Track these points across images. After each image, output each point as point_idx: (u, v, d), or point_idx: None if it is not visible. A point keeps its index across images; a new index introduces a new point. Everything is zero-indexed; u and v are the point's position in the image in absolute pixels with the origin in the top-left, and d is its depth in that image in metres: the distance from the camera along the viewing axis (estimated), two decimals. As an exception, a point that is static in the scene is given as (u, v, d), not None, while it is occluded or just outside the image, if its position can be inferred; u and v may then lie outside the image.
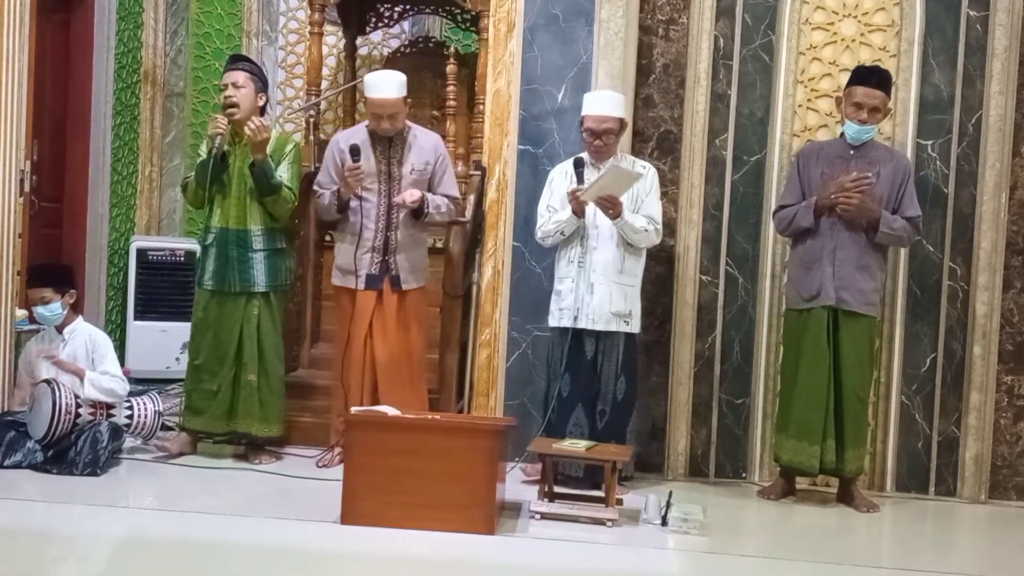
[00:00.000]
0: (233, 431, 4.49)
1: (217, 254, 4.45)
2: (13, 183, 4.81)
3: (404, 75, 4.46)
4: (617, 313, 4.22)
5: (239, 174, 4.42)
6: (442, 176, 4.51)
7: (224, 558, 3.30)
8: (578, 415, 4.23)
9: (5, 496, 3.80)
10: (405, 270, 4.45)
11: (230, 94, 4.39)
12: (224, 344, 4.44)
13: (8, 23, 4.72)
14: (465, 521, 3.55)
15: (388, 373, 4.40)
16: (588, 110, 4.26)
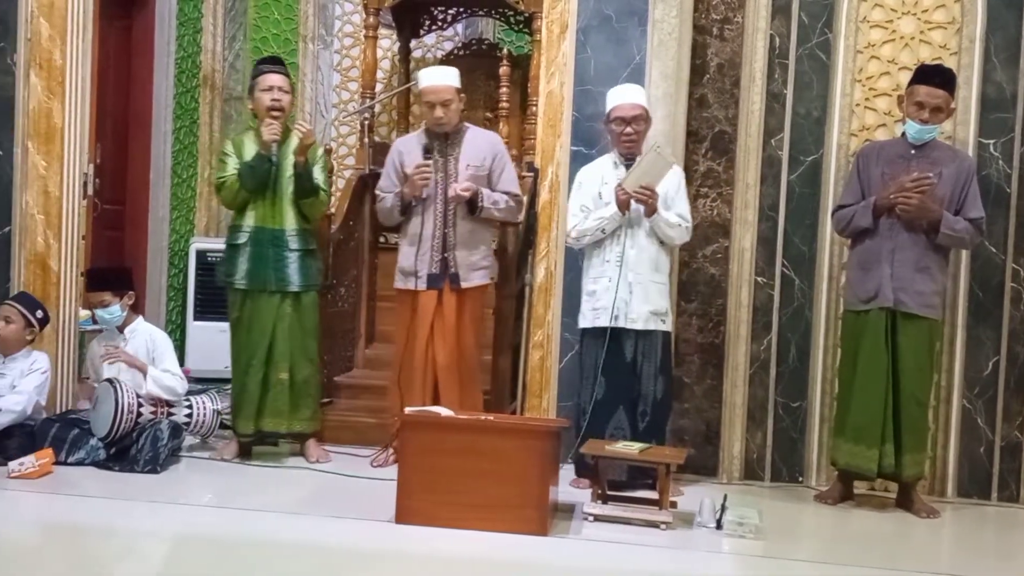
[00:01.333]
0: (260, 430, 4.53)
1: (252, 253, 4.48)
2: (77, 186, 4.93)
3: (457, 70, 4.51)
4: (655, 312, 4.21)
5: (277, 174, 4.47)
6: (501, 173, 4.51)
7: (281, 556, 3.34)
8: (619, 418, 4.21)
9: (69, 493, 3.90)
10: (464, 267, 4.45)
11: (278, 97, 4.44)
12: (257, 342, 4.49)
13: (71, 29, 4.83)
14: (518, 522, 3.56)
15: (448, 373, 4.41)
16: (614, 102, 4.28)
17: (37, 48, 4.78)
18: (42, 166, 4.81)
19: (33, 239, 4.80)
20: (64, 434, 4.26)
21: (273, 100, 4.43)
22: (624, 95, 4.29)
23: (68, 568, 3.24)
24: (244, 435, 4.56)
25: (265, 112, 4.45)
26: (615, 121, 4.26)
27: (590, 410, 4.25)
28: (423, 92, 4.48)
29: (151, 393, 4.41)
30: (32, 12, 4.77)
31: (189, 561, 3.34)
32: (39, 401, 4.35)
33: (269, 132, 4.40)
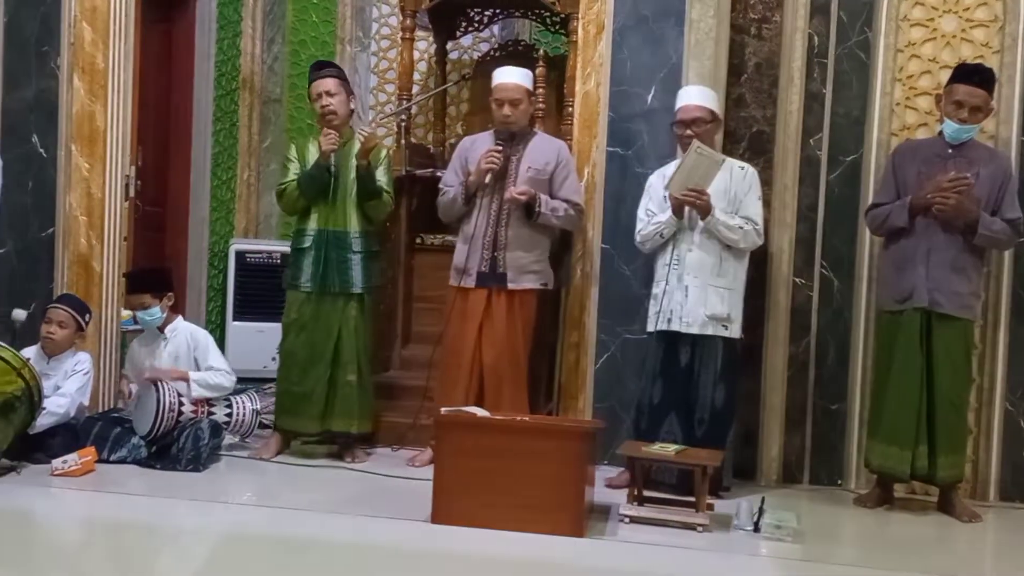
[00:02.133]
0: (328, 430, 4.57)
1: (316, 256, 4.52)
2: (119, 188, 5.01)
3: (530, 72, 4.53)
4: (713, 316, 4.15)
5: (340, 178, 4.51)
6: (563, 180, 4.49)
7: (319, 555, 3.36)
8: (671, 423, 4.18)
9: (111, 490, 3.96)
10: (514, 269, 4.44)
11: (327, 103, 4.48)
12: (320, 345, 4.52)
13: (113, 33, 4.91)
14: (554, 523, 3.56)
15: (493, 374, 4.41)
16: (681, 103, 4.24)
17: (80, 52, 4.86)
18: (85, 168, 4.89)
19: (76, 240, 4.89)
20: (106, 432, 4.32)
21: (323, 107, 4.47)
22: (687, 97, 4.23)
23: (111, 565, 3.29)
24: (308, 435, 4.60)
25: (319, 119, 4.49)
26: (677, 122, 4.22)
27: (645, 413, 4.23)
28: (494, 90, 4.49)
29: (198, 396, 4.46)
30: (75, 16, 4.85)
31: (230, 559, 3.39)
32: (82, 402, 4.41)
33: (327, 143, 4.43)
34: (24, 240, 4.92)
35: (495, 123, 4.54)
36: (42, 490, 3.90)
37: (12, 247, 4.92)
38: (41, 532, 3.67)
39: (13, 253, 4.93)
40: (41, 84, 4.90)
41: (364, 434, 4.62)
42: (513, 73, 4.51)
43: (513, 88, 4.44)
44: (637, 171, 4.55)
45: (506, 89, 4.44)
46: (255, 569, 3.23)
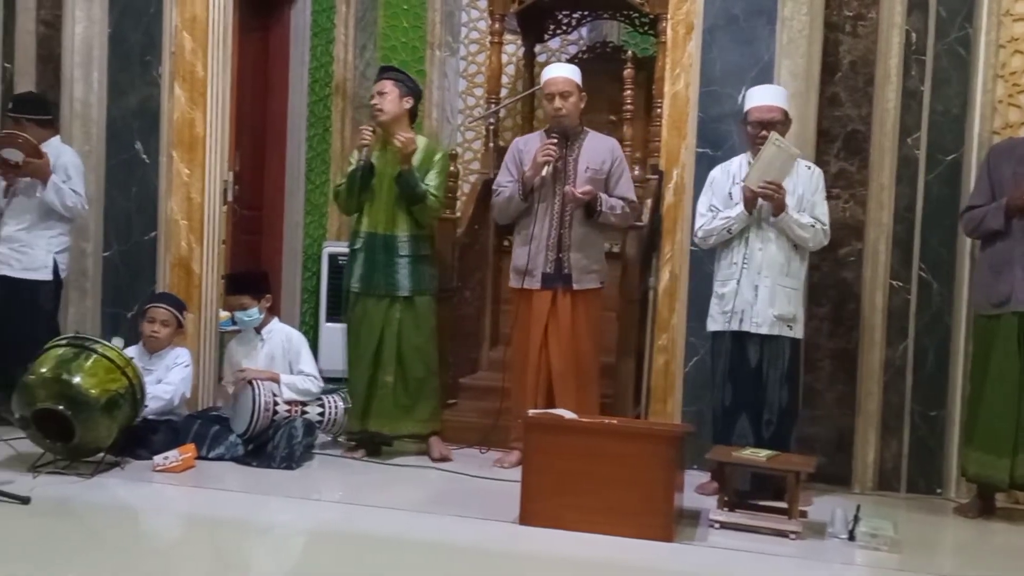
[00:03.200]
0: (364, 430, 4.62)
1: (365, 258, 4.58)
2: (217, 193, 5.16)
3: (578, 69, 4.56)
4: (781, 317, 4.09)
5: (388, 181, 4.54)
6: (619, 179, 4.51)
7: (408, 553, 3.41)
8: (742, 425, 4.12)
9: (210, 486, 4.08)
10: (578, 269, 4.46)
11: (375, 101, 4.55)
12: (364, 345, 4.57)
13: (212, 42, 5.06)
14: (642, 527, 3.54)
15: (562, 375, 4.43)
16: (752, 103, 4.18)
17: (181, 61, 5.02)
18: (185, 174, 5.05)
19: (177, 243, 5.05)
20: (205, 430, 4.45)
21: (373, 104, 4.56)
22: (760, 97, 4.18)
23: (208, 559, 3.39)
24: (352, 433, 4.68)
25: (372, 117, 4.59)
26: (751, 123, 4.17)
27: (719, 416, 4.19)
28: (544, 86, 4.53)
29: (288, 398, 4.56)
30: (176, 27, 5.01)
31: (321, 555, 3.45)
32: (184, 393, 4.56)
33: (359, 138, 4.54)
34: (128, 243, 5.11)
35: (547, 116, 4.55)
36: (144, 485, 4.04)
37: (117, 250, 5.12)
38: (143, 526, 3.80)
39: (117, 256, 5.12)
40: (144, 92, 5.08)
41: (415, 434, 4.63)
42: (561, 68, 4.62)
43: (563, 81, 4.47)
44: (728, 172, 4.49)
45: (555, 83, 4.47)
46: (346, 566, 3.28)
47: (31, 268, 4.72)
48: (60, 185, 4.64)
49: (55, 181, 4.64)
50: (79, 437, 3.99)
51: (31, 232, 4.72)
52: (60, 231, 4.79)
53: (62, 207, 4.68)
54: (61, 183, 4.65)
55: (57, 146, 4.80)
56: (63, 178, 4.68)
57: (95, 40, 5.08)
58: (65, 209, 4.69)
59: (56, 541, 3.34)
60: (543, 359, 4.46)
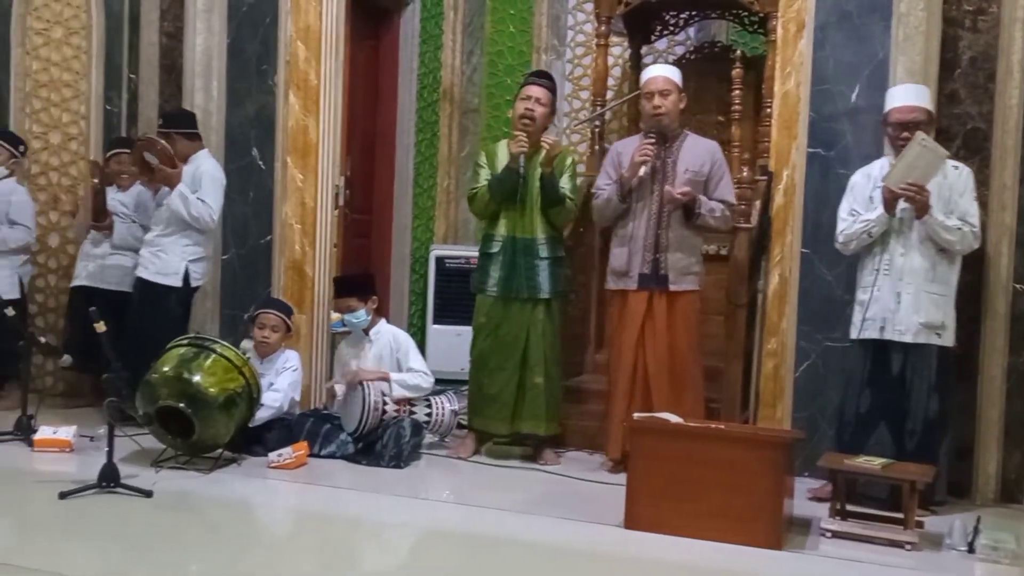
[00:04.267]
0: (517, 432, 4.65)
1: (504, 262, 4.61)
2: (329, 197, 5.30)
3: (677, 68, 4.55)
4: (928, 324, 3.94)
5: (528, 184, 4.58)
6: (719, 181, 4.45)
7: (514, 554, 3.43)
8: (880, 434, 3.99)
9: (321, 483, 4.18)
10: (675, 271, 4.41)
11: (531, 107, 4.55)
12: (508, 348, 4.60)
13: (325, 51, 5.20)
14: (750, 534, 3.48)
15: (658, 377, 4.38)
16: (893, 103, 4.05)
17: (295, 70, 5.17)
18: (299, 179, 5.20)
19: (291, 247, 5.20)
20: (317, 428, 4.57)
21: (527, 109, 4.55)
22: (901, 96, 4.04)
23: (320, 554, 3.47)
24: (499, 436, 4.71)
25: (516, 120, 4.58)
26: (892, 124, 4.03)
27: (848, 424, 4.08)
28: (643, 86, 4.50)
29: (399, 396, 4.64)
30: (291, 36, 5.17)
31: (429, 554, 3.51)
32: (293, 396, 4.69)
33: (516, 145, 4.52)
34: (245, 247, 5.29)
35: (645, 119, 4.51)
36: (260, 481, 4.17)
37: (234, 253, 5.30)
38: (258, 520, 3.93)
39: (235, 259, 5.30)
40: (260, 101, 5.25)
41: (553, 436, 4.67)
42: (661, 68, 4.60)
43: (662, 80, 4.44)
44: (840, 172, 4.39)
45: (654, 81, 4.44)
46: (453, 565, 3.32)
47: (164, 273, 4.92)
48: (187, 195, 4.82)
49: (181, 190, 4.81)
50: (198, 434, 4.14)
51: (169, 239, 4.92)
52: (195, 241, 4.97)
53: (187, 215, 4.84)
54: (189, 193, 4.83)
55: (200, 158, 4.99)
56: (195, 188, 4.86)
57: (214, 51, 5.27)
58: (191, 218, 4.85)
59: (177, 533, 3.49)
60: (639, 361, 4.43)
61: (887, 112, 4.06)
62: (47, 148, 5.73)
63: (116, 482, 3.77)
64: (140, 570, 3.08)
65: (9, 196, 5.27)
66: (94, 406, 5.16)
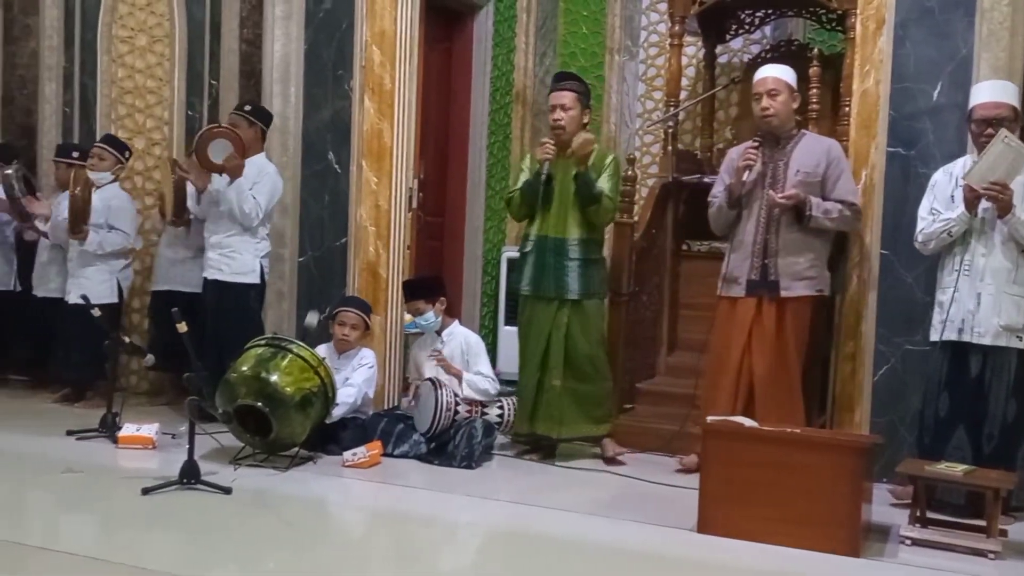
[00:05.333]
0: (532, 432, 4.64)
1: (535, 261, 4.61)
2: (403, 200, 5.36)
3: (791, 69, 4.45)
4: (1008, 327, 3.83)
5: (561, 185, 4.56)
6: (836, 180, 4.31)
7: (584, 556, 3.43)
8: (959, 438, 3.89)
9: (395, 482, 4.23)
10: (787, 275, 4.31)
11: (558, 117, 4.55)
12: (531, 348, 4.60)
13: (400, 55, 5.26)
14: (826, 540, 3.42)
15: (764, 385, 4.29)
16: (977, 99, 3.95)
17: (370, 74, 5.24)
18: (373, 182, 5.26)
19: (366, 249, 5.27)
20: (391, 428, 4.62)
21: (554, 119, 4.57)
22: (985, 93, 3.94)
23: (394, 553, 3.52)
24: (519, 435, 4.72)
25: (550, 128, 4.60)
26: (975, 121, 3.93)
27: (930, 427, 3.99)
28: (753, 87, 4.42)
29: (467, 396, 4.67)
30: (366, 41, 5.24)
31: (501, 554, 3.53)
32: (367, 393, 4.75)
33: (541, 152, 4.54)
34: (321, 249, 5.37)
35: (755, 118, 4.43)
36: (335, 479, 4.24)
37: (310, 255, 5.39)
38: (333, 518, 3.99)
39: (311, 261, 5.39)
40: (336, 105, 5.33)
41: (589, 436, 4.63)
42: (771, 68, 4.47)
43: (771, 80, 4.35)
44: (920, 172, 4.29)
45: (763, 82, 4.36)
46: (524, 566, 3.33)
47: (240, 272, 5.01)
48: (244, 189, 4.89)
49: (241, 183, 4.89)
50: (275, 432, 4.22)
51: (238, 239, 5.01)
52: (263, 236, 5.07)
53: (238, 209, 4.89)
54: (246, 188, 4.90)
55: (262, 159, 5.08)
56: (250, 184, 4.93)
57: (292, 56, 5.37)
58: (240, 213, 4.90)
59: (254, 530, 3.56)
60: (745, 368, 4.34)
61: (970, 108, 3.96)
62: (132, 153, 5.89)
63: (196, 479, 3.86)
64: (219, 565, 3.16)
65: (110, 201, 5.43)
66: (176, 404, 5.31)
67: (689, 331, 5.26)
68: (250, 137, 5.00)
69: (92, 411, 5.03)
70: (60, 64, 6.04)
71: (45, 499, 3.89)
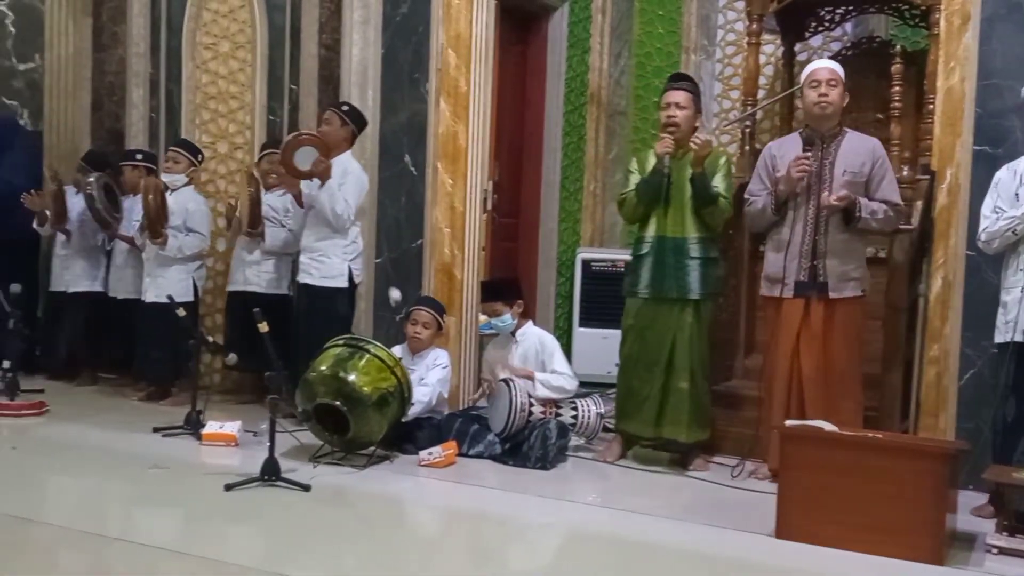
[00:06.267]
0: (659, 436, 4.61)
1: (653, 262, 4.57)
2: (478, 201, 5.38)
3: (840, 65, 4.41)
4: None
5: (677, 185, 4.54)
6: (880, 180, 4.27)
7: (660, 559, 3.41)
8: None
9: (469, 482, 4.26)
10: (836, 277, 4.25)
11: (672, 114, 4.53)
12: (655, 350, 4.56)
13: (475, 58, 5.29)
14: (909, 548, 3.35)
15: (814, 386, 4.24)
16: None
17: (446, 77, 5.28)
18: (449, 184, 5.30)
19: (441, 250, 5.31)
20: (466, 428, 4.65)
21: (668, 117, 4.54)
22: None
23: (468, 552, 3.55)
24: (643, 439, 4.68)
25: (661, 128, 4.58)
26: None
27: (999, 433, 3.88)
28: (808, 76, 4.36)
29: (543, 396, 4.68)
30: (442, 44, 5.28)
31: (575, 556, 3.52)
32: (441, 393, 4.79)
33: (661, 146, 4.50)
34: (397, 251, 5.44)
35: (807, 109, 4.35)
36: (411, 478, 4.28)
37: (387, 256, 5.46)
38: (409, 516, 4.03)
39: (388, 262, 5.46)
40: (413, 108, 5.39)
41: (699, 442, 4.60)
42: (827, 61, 4.49)
43: (827, 71, 4.30)
44: (1009, 171, 4.16)
45: (820, 71, 4.31)
46: (599, 569, 3.32)
47: (329, 276, 5.08)
48: (335, 191, 4.96)
49: (331, 185, 4.96)
50: (353, 431, 4.29)
51: (327, 242, 5.07)
52: (354, 238, 5.13)
53: (331, 212, 4.96)
54: (337, 190, 4.97)
55: (347, 158, 5.14)
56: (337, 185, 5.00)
57: (370, 61, 5.44)
58: (332, 215, 4.97)
59: (333, 527, 3.62)
60: (795, 369, 4.30)
61: None
62: (215, 157, 6.05)
63: (277, 476, 3.94)
64: (298, 560, 3.22)
65: (187, 204, 5.58)
66: (257, 403, 5.42)
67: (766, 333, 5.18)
68: (339, 136, 5.07)
69: (177, 409, 5.16)
70: (147, 71, 6.22)
71: (132, 494, 4.01)
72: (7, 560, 3.10)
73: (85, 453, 4.49)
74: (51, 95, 6.49)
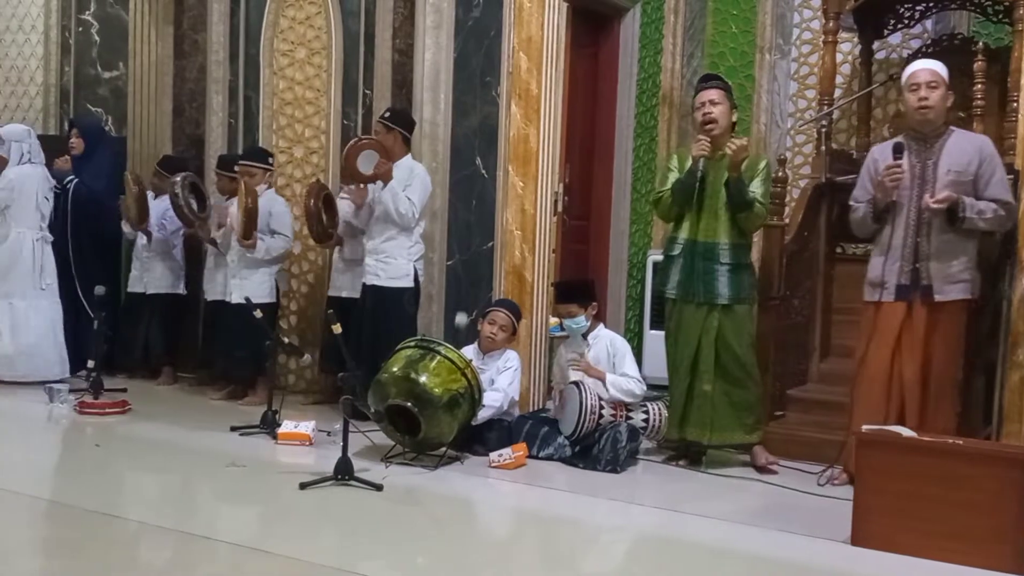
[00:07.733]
0: (682, 438, 4.57)
1: (683, 265, 4.53)
2: (549, 204, 5.39)
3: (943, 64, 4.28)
4: None
5: (712, 189, 4.48)
6: (988, 179, 4.12)
7: (732, 565, 3.37)
8: None
9: (540, 484, 4.26)
10: (940, 279, 4.13)
11: (709, 111, 4.48)
12: (681, 352, 4.53)
13: (546, 61, 5.30)
14: (991, 557, 3.26)
15: (915, 391, 4.13)
16: None
17: (517, 80, 5.30)
18: (519, 186, 5.32)
19: (511, 252, 5.33)
20: (536, 431, 4.66)
21: (704, 115, 4.49)
22: None
23: (538, 554, 3.55)
24: (670, 441, 4.67)
25: (699, 128, 4.54)
26: None
27: None
28: (907, 79, 4.25)
29: (612, 398, 4.67)
30: (513, 48, 5.31)
31: (646, 560, 3.50)
32: (512, 396, 4.81)
33: (697, 148, 4.46)
34: (468, 253, 5.47)
35: (909, 112, 4.24)
36: (481, 479, 4.30)
37: (458, 259, 5.50)
38: (479, 517, 4.06)
39: (459, 264, 5.50)
40: (484, 111, 5.42)
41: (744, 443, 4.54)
42: (927, 62, 4.31)
43: (929, 72, 4.17)
44: (1098, 170, 4.03)
45: (920, 74, 4.19)
46: (670, 572, 3.30)
47: (395, 277, 5.16)
48: (398, 191, 5.02)
49: (393, 186, 5.03)
50: (424, 432, 4.33)
51: (392, 243, 5.15)
52: (416, 239, 5.20)
53: (394, 211, 5.03)
54: (399, 190, 5.03)
55: (410, 161, 5.22)
56: (405, 186, 5.06)
57: (442, 65, 5.49)
58: (396, 215, 5.03)
59: (404, 526, 3.66)
60: (895, 372, 4.18)
61: None
62: (291, 161, 6.16)
63: (350, 475, 3.99)
64: (370, 559, 3.26)
65: (270, 207, 5.69)
66: (331, 403, 5.50)
67: (842, 337, 5.09)
68: (390, 142, 5.15)
69: (254, 408, 5.27)
70: (226, 78, 6.37)
71: (211, 491, 4.10)
72: (92, 555, 3.21)
73: (166, 450, 4.61)
74: (134, 102, 6.69)
